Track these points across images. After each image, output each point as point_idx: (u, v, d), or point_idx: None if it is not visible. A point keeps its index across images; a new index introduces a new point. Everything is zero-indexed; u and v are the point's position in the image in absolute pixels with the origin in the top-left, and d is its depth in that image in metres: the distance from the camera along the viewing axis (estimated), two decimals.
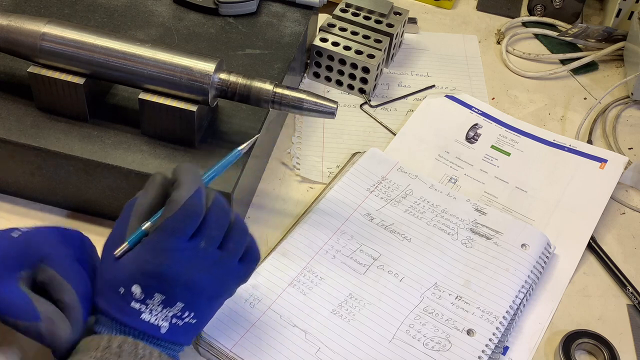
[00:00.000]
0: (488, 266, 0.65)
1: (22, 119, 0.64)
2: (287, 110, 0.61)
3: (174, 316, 0.48)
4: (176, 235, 0.47)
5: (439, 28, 0.97)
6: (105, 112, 0.66)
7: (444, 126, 0.81)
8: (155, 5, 0.78)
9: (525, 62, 0.93)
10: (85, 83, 0.62)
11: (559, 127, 0.84)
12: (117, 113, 0.66)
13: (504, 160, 0.78)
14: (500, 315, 0.62)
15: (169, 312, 0.48)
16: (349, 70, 0.82)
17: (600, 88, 0.90)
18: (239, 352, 0.58)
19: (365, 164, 0.74)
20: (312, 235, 0.67)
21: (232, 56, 0.74)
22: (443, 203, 0.71)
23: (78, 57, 0.61)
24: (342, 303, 0.62)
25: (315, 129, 0.80)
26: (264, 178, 0.74)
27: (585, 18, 1.01)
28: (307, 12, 0.81)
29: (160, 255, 0.47)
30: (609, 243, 0.72)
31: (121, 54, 0.60)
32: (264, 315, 0.60)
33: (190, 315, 0.49)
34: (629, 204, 0.76)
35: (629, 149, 0.83)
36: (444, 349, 0.59)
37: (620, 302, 0.67)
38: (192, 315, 0.49)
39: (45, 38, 0.60)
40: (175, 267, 0.48)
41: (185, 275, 0.48)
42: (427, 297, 0.63)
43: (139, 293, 0.47)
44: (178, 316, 0.48)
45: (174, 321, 0.48)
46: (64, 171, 0.63)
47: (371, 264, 0.65)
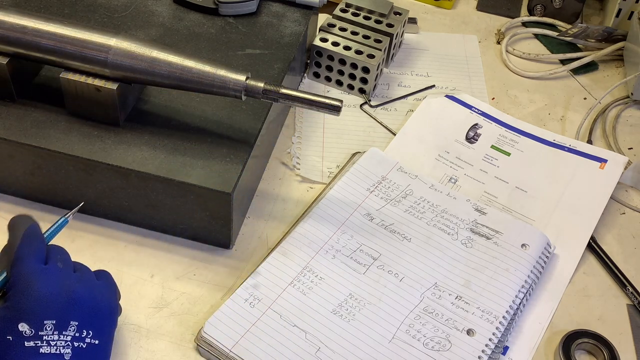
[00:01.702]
0: (488, 266, 0.65)
1: (22, 118, 0.64)
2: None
3: (74, 339, 0.48)
4: (30, 258, 0.49)
5: (439, 28, 0.97)
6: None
7: (444, 126, 0.81)
8: (155, 5, 0.78)
9: (525, 62, 0.93)
10: (8, 62, 0.62)
11: (559, 127, 0.84)
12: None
13: (504, 160, 0.78)
14: (500, 315, 0.62)
15: (67, 337, 0.47)
16: (349, 70, 0.82)
17: (600, 88, 0.90)
18: (239, 352, 0.58)
19: (365, 164, 0.74)
20: (312, 235, 0.67)
21: (232, 56, 0.74)
22: (443, 203, 0.71)
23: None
24: (342, 303, 0.62)
25: (315, 129, 0.80)
26: (264, 178, 0.74)
27: (585, 18, 1.01)
28: (307, 12, 0.81)
29: (29, 282, 0.48)
30: (609, 243, 0.72)
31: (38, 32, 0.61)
32: (264, 315, 0.60)
33: (89, 335, 0.48)
34: (629, 204, 0.76)
35: (629, 149, 0.83)
36: (444, 349, 0.59)
37: (620, 302, 0.67)
38: (91, 334, 0.48)
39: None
40: (48, 286, 0.48)
41: (61, 293, 0.48)
42: (427, 297, 0.63)
43: (28, 329, 0.46)
44: (77, 337, 0.48)
45: (76, 344, 0.48)
46: (63, 171, 0.63)
47: (371, 264, 0.65)
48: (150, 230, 0.67)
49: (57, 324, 0.47)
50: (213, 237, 0.66)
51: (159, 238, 0.66)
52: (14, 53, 0.62)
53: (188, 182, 0.61)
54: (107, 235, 0.66)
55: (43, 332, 0.47)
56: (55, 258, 0.51)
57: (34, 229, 0.52)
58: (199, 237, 0.66)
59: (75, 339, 0.48)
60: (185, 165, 0.62)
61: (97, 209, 0.67)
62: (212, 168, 0.62)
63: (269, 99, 0.62)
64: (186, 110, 0.68)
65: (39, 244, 0.51)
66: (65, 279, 0.50)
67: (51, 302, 0.48)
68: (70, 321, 0.48)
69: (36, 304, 0.47)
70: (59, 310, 0.48)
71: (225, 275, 0.65)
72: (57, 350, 0.47)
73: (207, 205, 0.62)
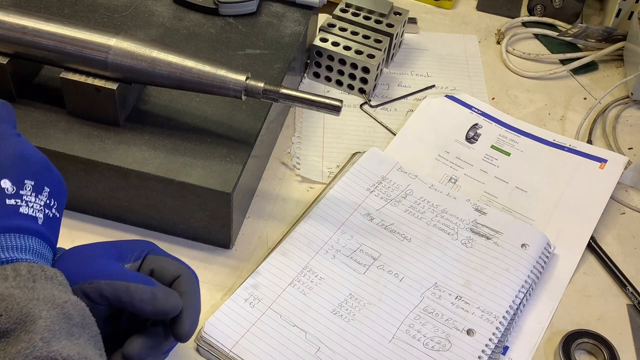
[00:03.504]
0: (488, 266, 0.65)
1: (22, 118, 0.64)
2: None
3: (45, 205, 0.47)
4: (6, 122, 0.48)
5: (439, 28, 0.97)
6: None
7: (444, 126, 0.81)
8: (155, 5, 0.78)
9: (525, 62, 0.93)
10: (8, 62, 0.62)
11: (559, 127, 0.84)
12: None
13: (504, 160, 0.78)
14: (500, 315, 0.62)
15: (41, 201, 0.46)
16: (349, 70, 0.82)
17: (600, 88, 0.90)
18: (239, 352, 0.58)
19: (365, 164, 0.74)
20: (312, 235, 0.67)
21: (232, 56, 0.74)
22: (443, 203, 0.71)
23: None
24: (342, 303, 0.62)
25: (315, 129, 0.80)
26: (264, 178, 0.74)
27: (585, 18, 1.01)
28: (307, 12, 0.81)
29: (9, 142, 0.47)
30: (609, 243, 0.72)
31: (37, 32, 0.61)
32: (264, 315, 0.60)
33: (54, 206, 0.48)
34: (629, 204, 0.76)
35: (629, 149, 0.83)
36: (444, 349, 0.59)
37: (620, 302, 0.67)
38: (56, 205, 0.48)
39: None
40: (27, 147, 0.47)
41: (40, 156, 0.48)
42: (427, 297, 0.63)
43: (10, 186, 0.45)
44: (48, 205, 0.47)
45: (46, 212, 0.47)
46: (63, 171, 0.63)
47: (371, 264, 0.65)
48: (150, 230, 0.67)
49: (35, 185, 0.46)
50: (213, 237, 0.66)
51: (158, 238, 0.66)
52: (14, 53, 0.62)
53: (188, 182, 0.61)
54: (107, 235, 0.66)
55: (23, 191, 0.46)
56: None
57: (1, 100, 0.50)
58: (199, 237, 0.66)
59: (46, 206, 0.47)
60: (185, 165, 0.62)
61: (97, 209, 0.67)
62: (212, 168, 0.62)
63: (269, 99, 0.62)
64: (186, 110, 0.68)
65: (11, 112, 0.50)
66: (36, 148, 0.49)
67: (31, 163, 0.47)
68: (44, 186, 0.47)
69: (18, 161, 0.46)
70: (38, 171, 0.47)
71: (225, 275, 0.65)
72: (33, 212, 0.46)
73: (207, 205, 0.63)
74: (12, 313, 0.41)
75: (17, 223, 0.45)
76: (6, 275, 0.43)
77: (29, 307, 0.41)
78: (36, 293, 0.43)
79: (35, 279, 0.43)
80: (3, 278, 0.43)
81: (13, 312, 0.41)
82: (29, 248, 0.46)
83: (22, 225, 0.45)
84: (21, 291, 0.42)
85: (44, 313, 0.41)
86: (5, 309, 0.41)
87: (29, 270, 0.44)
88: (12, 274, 0.43)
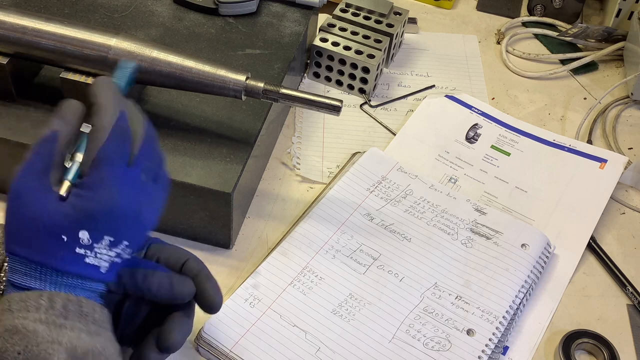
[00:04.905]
0: (488, 266, 0.65)
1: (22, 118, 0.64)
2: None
3: (117, 255, 0.45)
4: (115, 163, 0.44)
5: (439, 28, 0.97)
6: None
7: (444, 126, 0.81)
8: (155, 5, 0.78)
9: (525, 62, 0.93)
10: (8, 62, 0.62)
11: (559, 127, 0.84)
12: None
13: (504, 160, 0.78)
14: (500, 315, 0.62)
15: (113, 253, 0.45)
16: (349, 70, 0.82)
17: (600, 88, 0.90)
18: (239, 352, 0.58)
19: (365, 163, 0.74)
20: (312, 235, 0.67)
21: (232, 56, 0.74)
22: (443, 203, 0.71)
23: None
24: (342, 303, 0.62)
25: (315, 129, 0.80)
26: (264, 178, 0.74)
27: (585, 18, 1.01)
28: (307, 12, 0.81)
29: (108, 191, 0.44)
30: (609, 243, 0.72)
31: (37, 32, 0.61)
32: (264, 315, 0.60)
33: (128, 252, 0.46)
34: (629, 204, 0.76)
35: (629, 149, 0.83)
36: (444, 349, 0.59)
37: (620, 302, 0.67)
38: (130, 251, 0.46)
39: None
40: (124, 201, 0.44)
41: (134, 212, 0.45)
42: (427, 297, 0.63)
43: (87, 239, 0.43)
44: (119, 254, 0.45)
45: (115, 260, 0.45)
46: None
47: (371, 264, 0.65)
48: None
49: (113, 241, 0.44)
50: (213, 237, 0.66)
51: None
52: (14, 53, 0.62)
53: (188, 182, 0.61)
54: None
55: (97, 244, 0.44)
56: (142, 163, 0.46)
57: (122, 124, 0.46)
58: (199, 237, 0.66)
59: (117, 256, 0.45)
60: (185, 165, 0.62)
61: None
62: (212, 168, 0.62)
63: (269, 99, 0.62)
64: (186, 110, 0.68)
65: (127, 145, 0.45)
66: (140, 194, 0.45)
67: (119, 221, 0.44)
68: (123, 240, 0.45)
69: (105, 218, 0.44)
70: (122, 229, 0.44)
71: (225, 275, 0.65)
72: (98, 263, 0.44)
73: (207, 205, 0.62)
74: (30, 355, 0.40)
75: (77, 271, 0.44)
76: (39, 305, 0.42)
77: (47, 351, 0.40)
78: (61, 334, 0.41)
79: (67, 316, 0.42)
80: (36, 307, 0.42)
81: (31, 354, 0.40)
82: (81, 287, 0.44)
83: (82, 273, 0.44)
84: (47, 328, 0.41)
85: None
86: (24, 348, 0.40)
87: (64, 305, 0.43)
88: (46, 304, 0.42)
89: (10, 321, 0.41)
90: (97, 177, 0.44)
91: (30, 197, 0.43)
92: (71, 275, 0.44)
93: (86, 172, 0.45)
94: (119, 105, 0.46)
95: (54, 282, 0.43)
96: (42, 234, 0.43)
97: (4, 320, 0.41)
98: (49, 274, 0.43)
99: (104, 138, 0.45)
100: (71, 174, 0.44)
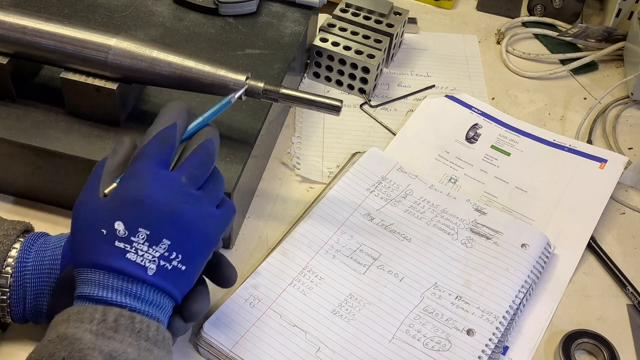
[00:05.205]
0: (488, 266, 0.65)
1: (22, 118, 0.64)
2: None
3: (161, 257, 0.46)
4: (151, 159, 0.47)
5: (439, 28, 0.97)
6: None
7: (444, 126, 0.81)
8: (155, 5, 0.78)
9: (525, 62, 0.93)
10: (8, 62, 0.62)
11: (559, 127, 0.84)
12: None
13: (504, 160, 0.78)
14: (500, 315, 0.62)
15: (155, 252, 0.46)
16: (349, 70, 0.82)
17: (600, 88, 0.90)
18: (239, 352, 0.58)
19: (365, 163, 0.74)
20: (312, 235, 0.67)
21: (232, 56, 0.74)
22: (443, 203, 0.71)
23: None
24: (342, 303, 0.62)
25: (315, 129, 0.80)
26: (264, 178, 0.74)
27: (585, 18, 1.01)
28: (307, 12, 0.81)
29: (138, 180, 0.47)
30: (609, 243, 0.72)
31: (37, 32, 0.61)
32: (264, 315, 0.60)
33: (178, 259, 0.47)
34: (629, 204, 0.76)
35: (629, 149, 0.83)
36: (444, 349, 0.59)
37: (620, 302, 0.67)
38: (179, 258, 0.47)
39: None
40: (156, 193, 0.46)
41: (166, 205, 0.46)
42: (427, 297, 0.63)
43: (122, 229, 0.45)
44: (165, 257, 0.46)
45: (162, 263, 0.46)
46: (63, 171, 0.63)
47: (371, 264, 0.65)
48: None
49: (150, 235, 0.46)
50: None
51: None
52: (14, 53, 0.62)
53: None
54: None
55: (134, 238, 0.45)
56: (185, 170, 0.48)
57: (169, 132, 0.49)
58: None
59: (162, 258, 0.46)
60: None
61: None
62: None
63: (269, 99, 0.62)
64: None
65: (167, 149, 0.49)
66: (178, 194, 0.47)
67: (151, 211, 0.46)
68: (163, 238, 0.46)
69: (137, 206, 0.46)
70: (157, 222, 0.46)
71: None
72: (142, 262, 0.46)
73: None
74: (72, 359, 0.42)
75: (120, 266, 0.45)
76: (93, 317, 0.44)
77: (86, 358, 0.42)
78: (106, 344, 0.43)
79: (117, 329, 0.44)
80: (89, 319, 0.44)
81: (73, 359, 0.42)
82: (134, 294, 0.46)
83: (126, 269, 0.45)
84: (94, 337, 0.43)
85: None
86: (68, 353, 0.42)
87: (116, 318, 0.44)
88: (99, 317, 0.44)
89: (64, 329, 0.43)
90: (132, 170, 0.48)
91: (81, 206, 0.48)
92: (120, 273, 0.45)
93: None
94: (175, 120, 0.50)
95: (106, 284, 0.45)
96: (88, 233, 0.46)
97: (59, 329, 0.44)
98: (97, 275, 0.46)
99: (148, 140, 0.49)
100: (119, 178, 0.48)
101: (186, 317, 0.51)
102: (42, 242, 0.54)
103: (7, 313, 0.53)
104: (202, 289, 0.52)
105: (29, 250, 0.53)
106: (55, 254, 0.53)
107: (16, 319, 0.53)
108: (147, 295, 0.46)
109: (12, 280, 0.52)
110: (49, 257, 0.53)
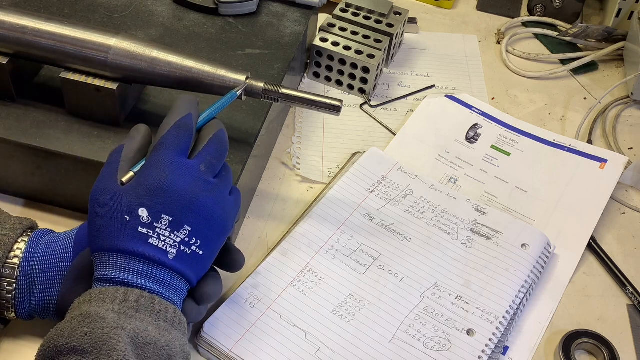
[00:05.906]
0: (488, 266, 0.65)
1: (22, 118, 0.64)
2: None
3: (182, 242, 0.48)
4: (172, 148, 0.49)
5: (439, 28, 0.97)
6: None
7: (444, 126, 0.81)
8: (155, 5, 0.78)
9: (525, 62, 0.93)
10: (8, 62, 0.62)
11: (559, 127, 0.84)
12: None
13: (504, 160, 0.78)
14: (500, 315, 0.62)
15: (177, 237, 0.48)
16: (349, 70, 0.82)
17: (600, 88, 0.90)
18: (239, 352, 0.58)
19: (365, 163, 0.74)
20: (312, 235, 0.67)
21: (232, 56, 0.74)
22: (443, 203, 0.71)
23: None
24: (342, 303, 0.62)
25: (315, 129, 0.80)
26: (264, 178, 0.74)
27: (585, 18, 1.01)
28: (307, 12, 0.81)
29: (161, 169, 0.49)
30: (609, 243, 0.72)
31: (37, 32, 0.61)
32: (264, 315, 0.60)
33: (197, 244, 0.49)
34: (629, 204, 0.76)
35: (629, 149, 0.83)
36: (444, 349, 0.59)
37: (620, 302, 0.67)
38: (198, 243, 0.49)
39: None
40: (178, 181, 0.49)
41: (188, 193, 0.49)
42: (427, 297, 0.63)
43: (146, 216, 0.48)
44: (185, 242, 0.48)
45: (182, 248, 0.48)
46: (63, 171, 0.63)
47: (371, 264, 0.65)
48: None
49: (172, 222, 0.48)
50: None
51: None
52: (14, 53, 0.62)
53: None
54: None
55: (157, 224, 0.48)
56: (203, 159, 0.51)
57: (186, 121, 0.51)
58: None
59: (183, 243, 0.48)
60: None
61: None
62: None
63: (269, 99, 0.62)
64: None
65: (186, 138, 0.51)
66: (198, 182, 0.50)
67: (174, 199, 0.48)
68: (184, 224, 0.48)
69: (160, 194, 0.48)
70: (179, 209, 0.48)
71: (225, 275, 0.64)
72: (164, 246, 0.48)
73: None
74: (95, 336, 0.43)
75: (142, 250, 0.47)
76: (115, 297, 0.46)
77: (110, 335, 0.43)
78: (128, 322, 0.45)
79: (138, 309, 0.46)
80: (111, 299, 0.46)
81: (95, 335, 0.43)
82: (155, 277, 0.48)
83: (148, 254, 0.47)
84: (116, 316, 0.45)
85: (120, 345, 0.43)
86: (91, 330, 0.44)
87: (137, 299, 0.46)
88: (121, 297, 0.46)
89: (87, 308, 0.45)
90: (153, 158, 0.49)
91: (100, 192, 0.49)
92: (142, 256, 0.47)
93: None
94: (189, 110, 0.52)
95: (128, 268, 0.47)
96: (109, 219, 0.48)
97: (82, 308, 0.46)
98: (119, 259, 0.47)
99: (166, 130, 0.51)
100: (137, 167, 0.50)
101: (198, 299, 0.52)
102: (50, 235, 0.55)
103: (12, 306, 0.53)
104: (214, 274, 0.54)
105: (37, 242, 0.53)
106: (67, 244, 0.53)
107: (20, 313, 0.53)
108: (166, 278, 0.48)
109: (19, 270, 0.52)
110: (59, 247, 0.53)
